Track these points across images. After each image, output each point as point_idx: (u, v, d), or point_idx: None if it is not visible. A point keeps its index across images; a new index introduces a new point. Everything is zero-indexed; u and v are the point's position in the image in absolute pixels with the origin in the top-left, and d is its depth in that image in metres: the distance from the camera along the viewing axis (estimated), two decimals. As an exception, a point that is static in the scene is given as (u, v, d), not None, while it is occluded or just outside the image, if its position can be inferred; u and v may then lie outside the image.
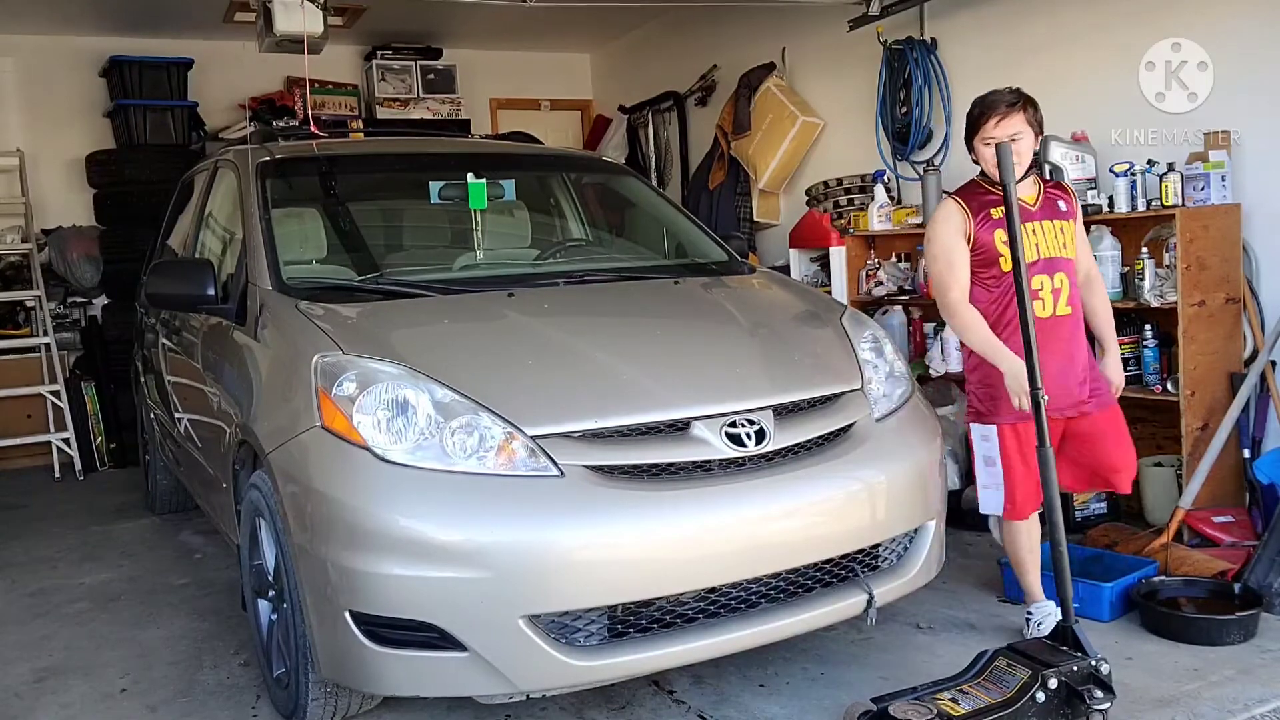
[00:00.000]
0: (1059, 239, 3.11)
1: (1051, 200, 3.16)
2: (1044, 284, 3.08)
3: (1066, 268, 3.13)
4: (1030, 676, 2.47)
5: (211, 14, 6.59)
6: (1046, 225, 3.11)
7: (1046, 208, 3.14)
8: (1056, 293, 3.09)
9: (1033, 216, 3.09)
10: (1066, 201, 3.19)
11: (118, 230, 6.74)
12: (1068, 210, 3.17)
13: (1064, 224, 3.13)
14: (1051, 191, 3.20)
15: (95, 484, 6.19)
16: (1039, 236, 3.08)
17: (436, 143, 4.88)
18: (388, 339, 2.81)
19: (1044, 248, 3.09)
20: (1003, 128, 3.01)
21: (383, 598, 2.39)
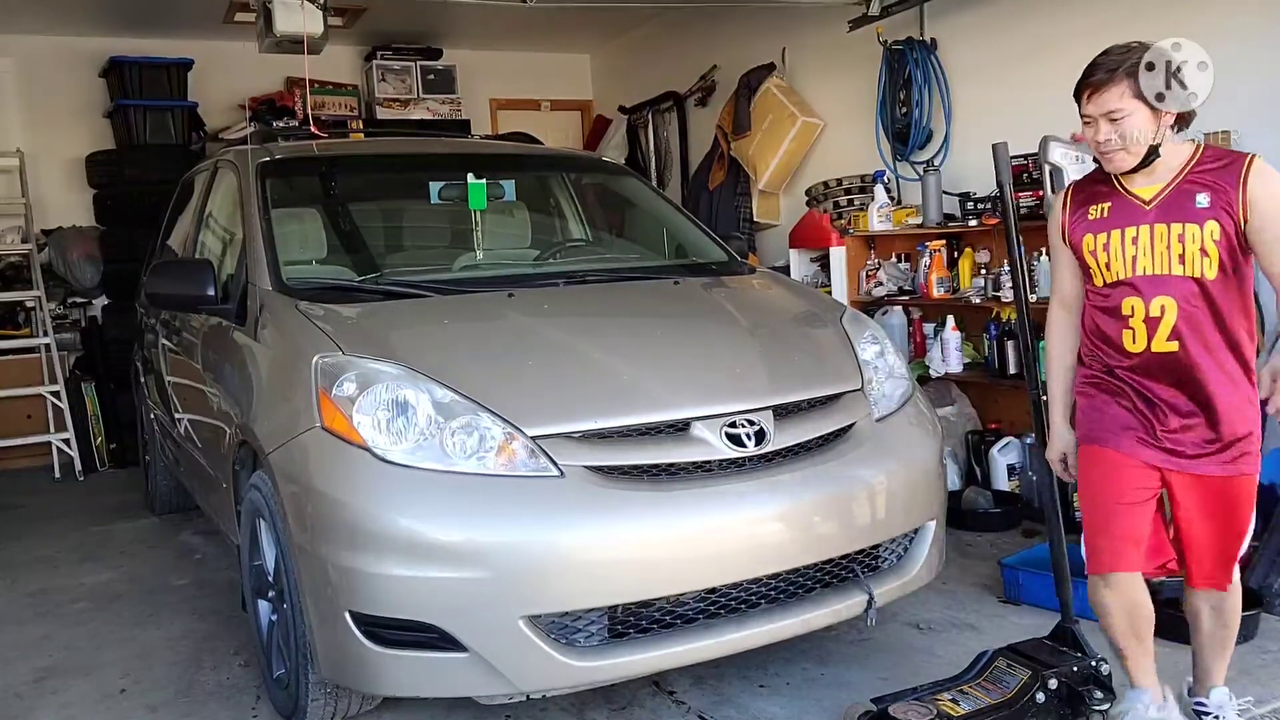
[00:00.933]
0: (1176, 249, 2.29)
1: (1185, 195, 2.31)
2: (1135, 308, 2.33)
3: (1177, 290, 2.30)
4: (1030, 677, 2.47)
5: (211, 14, 6.59)
6: (1160, 231, 2.31)
7: (1172, 206, 2.31)
8: (1153, 323, 2.31)
9: (1140, 218, 2.34)
10: (1218, 192, 2.28)
11: (118, 230, 6.74)
12: (1211, 207, 2.28)
13: (1193, 228, 2.28)
14: (1196, 179, 2.32)
15: (95, 484, 6.19)
16: (1141, 246, 2.33)
17: (436, 143, 4.88)
18: (387, 339, 2.81)
19: (1143, 261, 2.32)
20: (1096, 103, 2.33)
21: (383, 598, 2.39)
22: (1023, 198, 4.42)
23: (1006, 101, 5.00)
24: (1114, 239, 2.36)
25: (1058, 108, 4.67)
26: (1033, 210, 4.46)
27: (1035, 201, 4.49)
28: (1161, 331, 2.32)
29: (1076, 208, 2.47)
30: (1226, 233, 2.26)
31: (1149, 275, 2.32)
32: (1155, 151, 2.31)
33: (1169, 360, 2.32)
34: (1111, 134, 2.30)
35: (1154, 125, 2.30)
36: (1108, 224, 2.38)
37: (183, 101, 6.93)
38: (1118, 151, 2.31)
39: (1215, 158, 2.33)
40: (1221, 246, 2.27)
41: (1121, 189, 2.39)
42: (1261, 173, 2.27)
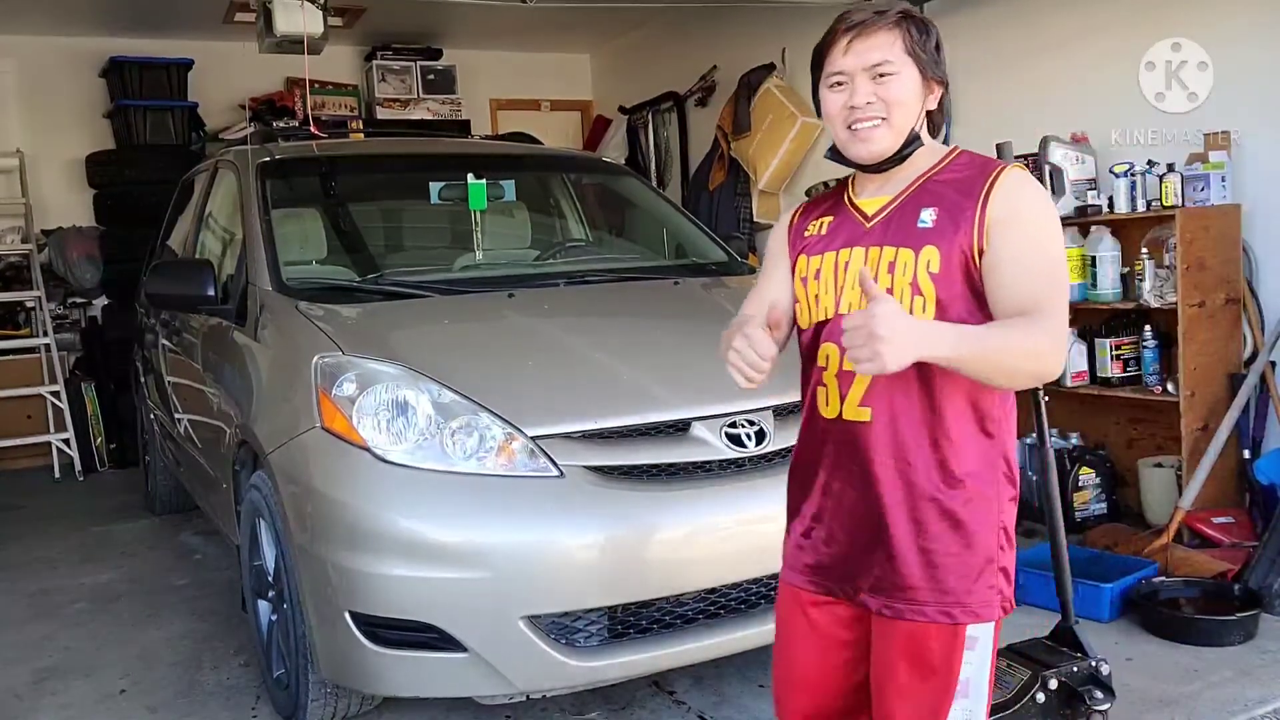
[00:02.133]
0: (884, 282, 1.60)
1: (909, 210, 1.63)
2: (829, 359, 1.66)
3: None
4: (1030, 677, 2.47)
5: (211, 14, 6.59)
6: (874, 257, 1.63)
7: (893, 224, 1.64)
8: (847, 379, 1.63)
9: (858, 238, 1.66)
10: (949, 209, 1.60)
11: (118, 231, 6.74)
12: (935, 228, 1.59)
13: (906, 255, 1.60)
14: (928, 189, 1.64)
15: (95, 485, 6.18)
16: (852, 275, 1.64)
17: (436, 143, 4.88)
18: (388, 339, 2.81)
19: (849, 295, 1.64)
20: (858, 53, 1.63)
21: (383, 598, 2.39)
22: (1023, 198, 4.42)
23: (1006, 101, 5.00)
24: (826, 265, 1.67)
25: (1058, 108, 4.70)
26: (1033, 210, 4.46)
27: (1035, 201, 4.48)
28: (854, 392, 1.61)
29: (802, 223, 1.77)
30: (950, 265, 1.55)
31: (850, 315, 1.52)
32: (916, 141, 1.65)
33: (857, 435, 1.61)
34: (874, 96, 1.60)
35: (919, 101, 1.65)
36: (823, 244, 1.69)
37: (183, 102, 6.93)
38: (878, 124, 1.61)
39: (967, 164, 1.65)
40: (941, 283, 1.55)
41: (848, 198, 1.72)
42: (1013, 188, 1.57)
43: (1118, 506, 4.34)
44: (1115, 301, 4.18)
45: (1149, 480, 4.22)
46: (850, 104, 1.62)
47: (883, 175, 1.67)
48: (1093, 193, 4.33)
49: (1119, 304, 4.18)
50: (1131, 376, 4.20)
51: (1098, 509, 4.28)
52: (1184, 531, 3.80)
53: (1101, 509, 4.29)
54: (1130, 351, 4.21)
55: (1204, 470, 3.77)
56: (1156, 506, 4.15)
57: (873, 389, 1.60)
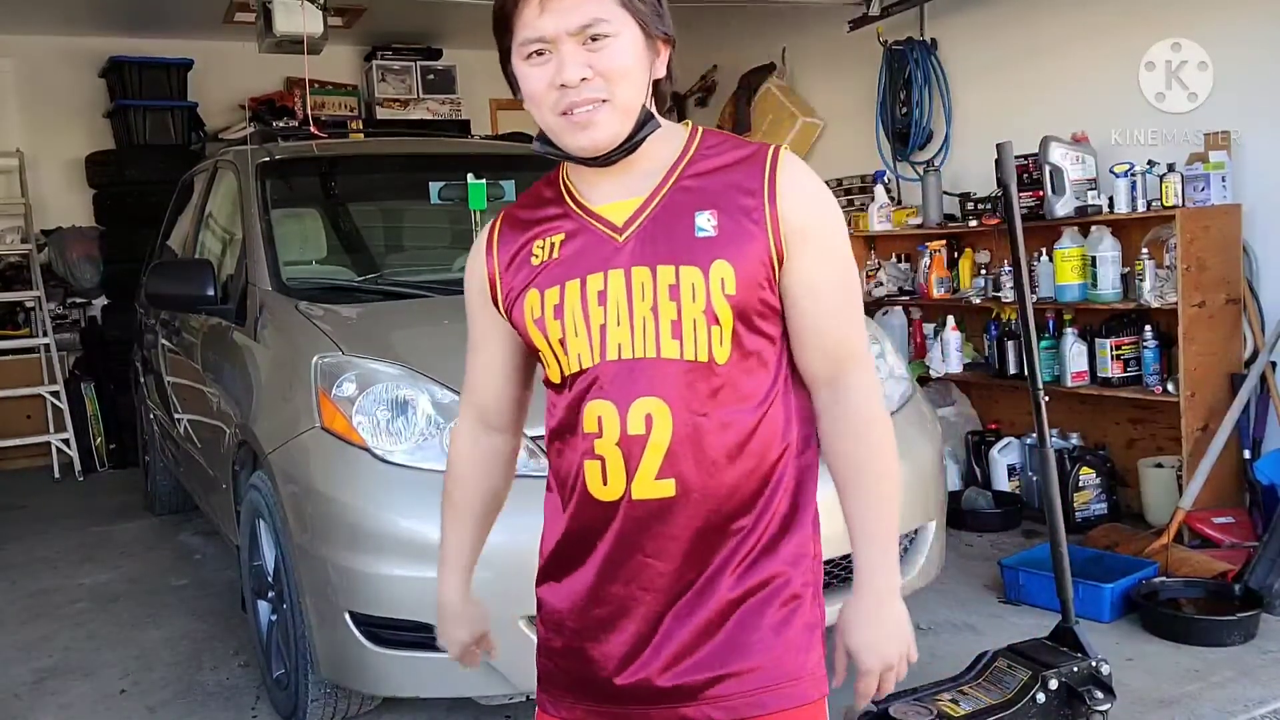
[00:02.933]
0: (667, 311, 1.23)
1: (677, 212, 1.26)
2: (604, 422, 1.24)
3: (672, 385, 1.23)
4: (1030, 677, 2.47)
5: (211, 14, 6.58)
6: (640, 279, 1.24)
7: (658, 233, 1.25)
8: (634, 446, 1.24)
9: (611, 257, 1.26)
10: (731, 204, 1.25)
11: (117, 231, 6.74)
12: (721, 234, 1.24)
13: (692, 273, 1.23)
14: (692, 183, 1.27)
15: (95, 485, 6.18)
16: (613, 306, 1.25)
17: (436, 143, 4.88)
18: (387, 339, 2.81)
19: (616, 334, 1.24)
20: (558, 13, 1.20)
21: (383, 598, 2.39)
22: (1023, 198, 4.42)
23: (1006, 101, 5.00)
24: (571, 298, 1.25)
25: (1058, 108, 4.70)
26: (1032, 210, 4.46)
27: (1035, 201, 4.49)
28: (648, 463, 1.23)
29: (510, 247, 1.33)
30: (747, 283, 1.21)
31: (625, 360, 1.23)
32: (650, 121, 1.25)
33: (659, 513, 1.24)
34: (587, 69, 1.19)
35: (645, 69, 1.25)
36: (561, 271, 1.27)
37: (183, 102, 6.93)
38: (599, 106, 1.20)
39: (722, 147, 1.29)
40: (739, 306, 1.21)
41: (576, 203, 1.29)
42: (800, 180, 1.26)
43: (1118, 507, 4.34)
44: (1115, 302, 4.18)
45: (1149, 480, 4.22)
46: (559, 81, 1.20)
47: (613, 168, 1.26)
48: (1093, 193, 4.33)
49: (1119, 304, 4.18)
50: (1132, 377, 4.20)
51: (1098, 509, 4.28)
52: (1184, 532, 3.80)
53: (1102, 509, 4.29)
54: (1130, 351, 4.21)
55: (1204, 470, 3.77)
56: (1157, 507, 4.15)
57: (672, 453, 1.23)
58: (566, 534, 1.33)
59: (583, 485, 1.28)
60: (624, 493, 1.25)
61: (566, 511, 1.33)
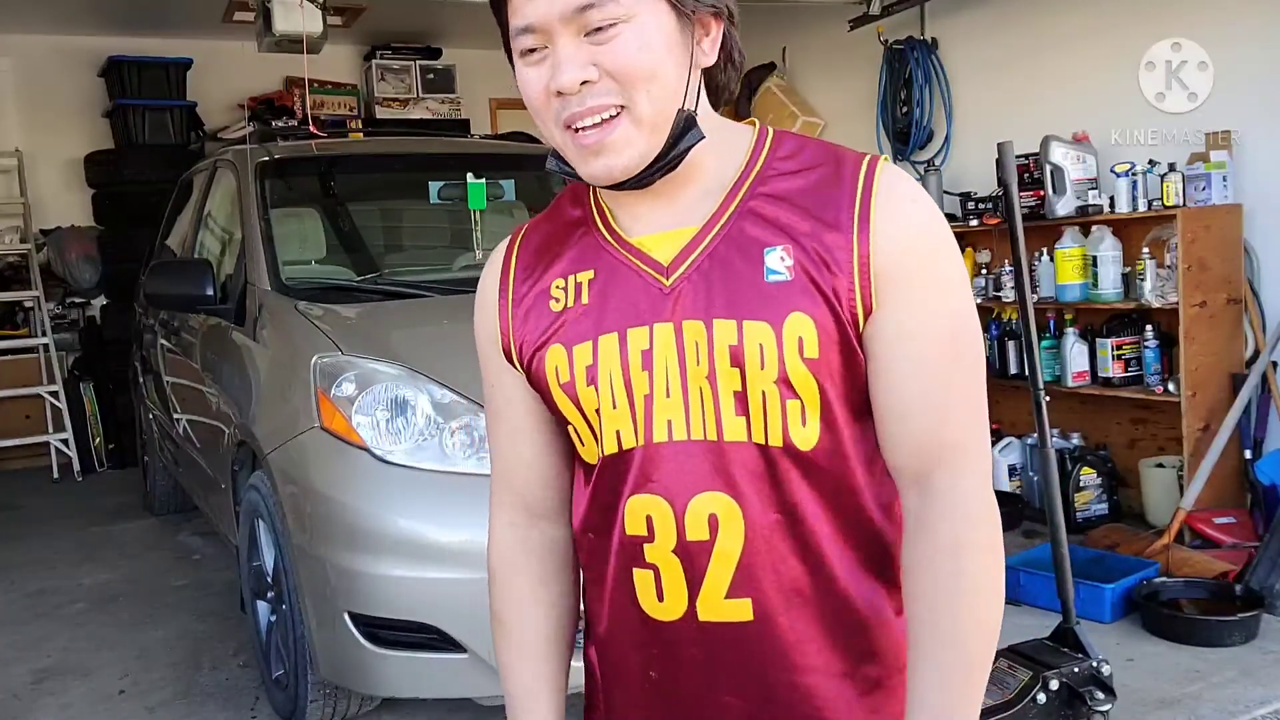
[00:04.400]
0: (729, 382, 0.93)
1: (743, 247, 0.94)
2: (654, 522, 0.96)
3: (741, 478, 0.94)
4: (1031, 678, 2.46)
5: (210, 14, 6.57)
6: (694, 338, 0.94)
7: (721, 280, 0.94)
8: (696, 556, 0.96)
9: (656, 307, 0.95)
10: (807, 238, 0.93)
11: (116, 230, 6.72)
12: (798, 276, 0.92)
13: (762, 331, 0.92)
14: (762, 207, 0.95)
15: (94, 485, 6.17)
16: (660, 373, 0.95)
17: (436, 143, 4.87)
18: (387, 339, 2.80)
19: (666, 409, 0.95)
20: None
21: (382, 599, 2.38)
22: (1023, 198, 4.41)
23: (1007, 101, 5.00)
24: (607, 356, 0.97)
25: (1058, 107, 4.69)
26: (1033, 210, 4.46)
27: (1036, 201, 4.49)
28: (716, 578, 0.96)
29: (526, 282, 1.06)
30: (829, 342, 0.92)
31: (679, 443, 0.95)
32: (691, 129, 0.93)
33: (735, 642, 0.98)
34: (591, 69, 0.90)
35: (683, 60, 0.93)
36: (590, 322, 0.98)
37: (181, 101, 6.92)
38: (613, 120, 0.91)
39: (800, 154, 0.98)
40: (824, 374, 0.93)
41: (609, 233, 1.01)
42: (906, 204, 0.95)
43: (1119, 507, 4.34)
44: (1116, 301, 4.17)
45: (1150, 481, 4.21)
46: (554, 86, 0.91)
47: (655, 189, 0.96)
48: (1094, 192, 4.33)
49: (1120, 304, 4.17)
50: (1133, 377, 4.19)
51: (1099, 509, 4.28)
52: (1185, 532, 3.79)
53: (1103, 509, 4.28)
54: (1131, 351, 4.20)
55: (1205, 471, 3.76)
56: (1158, 507, 4.14)
57: (747, 565, 0.95)
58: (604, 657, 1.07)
59: (623, 602, 1.00)
60: (685, 612, 0.97)
61: (593, 636, 1.08)
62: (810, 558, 0.96)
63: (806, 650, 0.97)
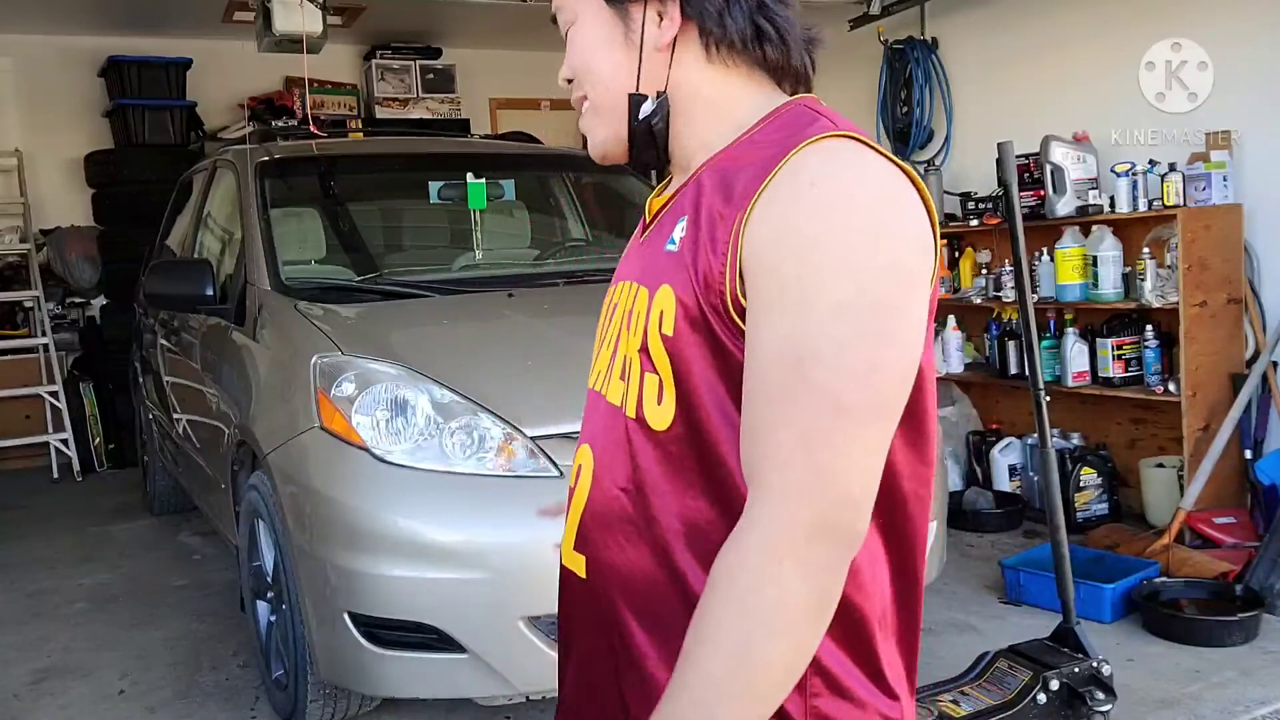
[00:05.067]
0: (625, 345, 0.98)
1: (677, 209, 0.98)
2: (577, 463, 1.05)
3: (604, 435, 1.00)
4: (1031, 678, 2.46)
5: (210, 14, 6.57)
6: (624, 297, 1.02)
7: (656, 233, 1.02)
8: (570, 500, 1.04)
9: (625, 264, 1.11)
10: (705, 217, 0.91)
11: (116, 230, 6.72)
12: (681, 251, 0.92)
13: (642, 297, 0.96)
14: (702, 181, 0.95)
15: (93, 485, 6.17)
16: (610, 322, 1.05)
17: (436, 142, 4.87)
18: (387, 339, 2.80)
19: (600, 361, 1.06)
20: None
21: (382, 599, 2.38)
22: (1024, 197, 4.41)
23: (1007, 101, 5.00)
24: (608, 301, 1.09)
25: (1058, 107, 4.69)
26: (1033, 210, 4.46)
27: (1036, 201, 4.48)
28: (569, 526, 1.03)
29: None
30: (683, 326, 0.90)
31: (593, 392, 1.06)
32: (638, 108, 0.98)
33: (577, 596, 1.03)
34: (567, 69, 1.05)
35: (620, 48, 0.99)
36: (619, 269, 1.12)
37: (181, 101, 6.91)
38: (585, 113, 1.04)
39: (774, 133, 0.94)
40: (678, 358, 0.91)
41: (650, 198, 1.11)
42: (802, 174, 0.86)
43: (1119, 507, 4.34)
44: (1117, 301, 4.17)
45: (1150, 480, 4.21)
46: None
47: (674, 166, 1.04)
48: (1094, 192, 4.33)
49: (1120, 304, 4.17)
50: (1133, 376, 4.19)
51: (1099, 509, 4.28)
52: (1185, 532, 3.79)
53: (1103, 509, 4.28)
54: (1132, 351, 4.20)
55: (1205, 470, 3.76)
56: (1158, 507, 4.14)
57: (586, 524, 0.98)
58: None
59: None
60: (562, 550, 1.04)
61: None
62: (650, 539, 0.92)
63: (628, 629, 0.94)
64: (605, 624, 0.97)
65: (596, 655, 0.99)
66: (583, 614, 1.00)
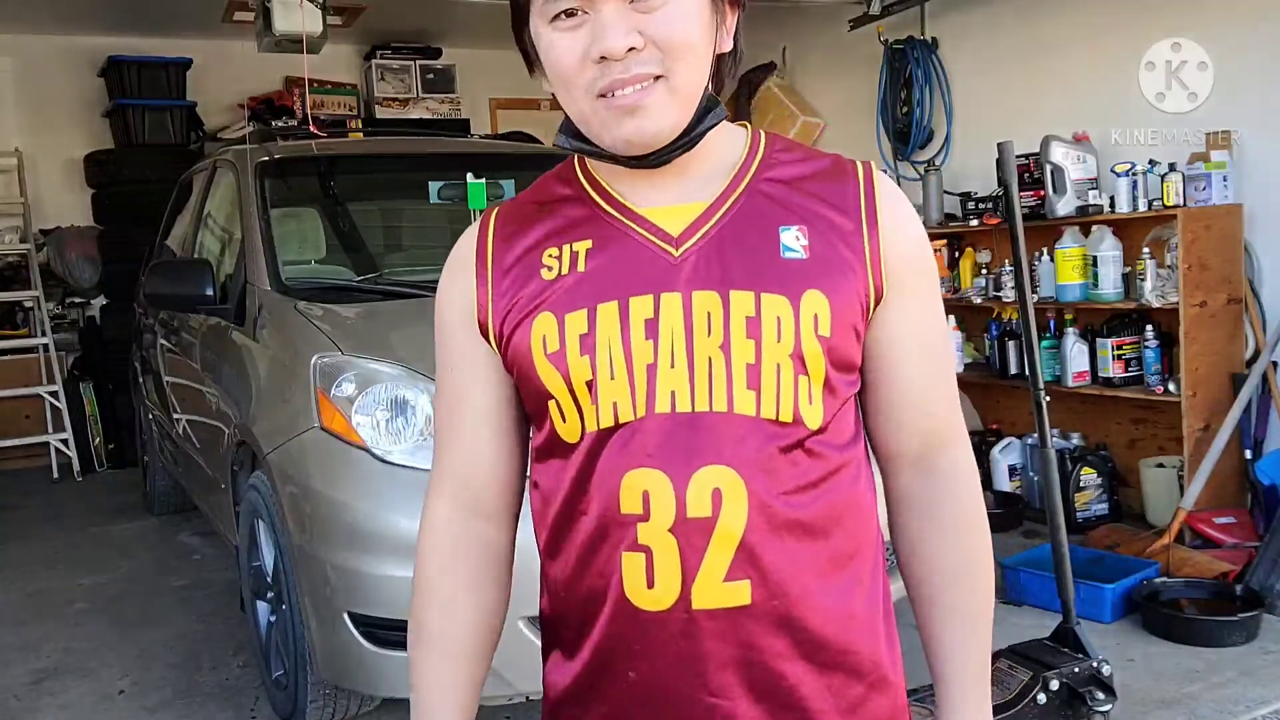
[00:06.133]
0: (744, 354, 0.91)
1: (755, 228, 0.96)
2: (651, 499, 0.91)
3: (749, 454, 0.91)
4: (1032, 678, 2.46)
5: (210, 14, 6.57)
6: (706, 309, 0.92)
7: (735, 253, 0.94)
8: (695, 534, 0.90)
9: (665, 276, 0.94)
10: (822, 222, 0.96)
11: (116, 230, 6.72)
12: (812, 257, 0.95)
13: (779, 304, 0.92)
14: (773, 188, 0.98)
15: (93, 485, 6.17)
16: (666, 343, 0.92)
17: (436, 142, 4.87)
18: (387, 339, 2.80)
19: (669, 380, 0.91)
20: None
21: (382, 599, 2.38)
22: (1024, 197, 4.41)
23: (1007, 101, 5.00)
24: (605, 324, 0.94)
25: (1058, 107, 4.69)
26: (1033, 210, 4.46)
27: (1036, 201, 4.48)
28: (715, 559, 0.92)
29: (511, 252, 1.01)
30: (843, 324, 0.94)
31: (683, 415, 0.92)
32: (715, 108, 0.96)
33: (726, 631, 0.93)
34: (637, 36, 0.90)
35: (711, 39, 0.94)
36: (590, 288, 0.95)
37: (181, 101, 6.92)
38: (651, 85, 0.91)
39: (790, 148, 1.03)
40: (834, 352, 0.94)
41: (610, 205, 0.99)
42: (900, 203, 1.01)
43: (1119, 507, 4.34)
44: (1117, 301, 4.17)
45: (1150, 480, 4.21)
46: (597, 51, 0.89)
47: (665, 170, 0.96)
48: (1094, 192, 4.33)
49: (1120, 304, 4.17)
50: (1133, 377, 4.19)
51: (1099, 509, 4.28)
52: (1185, 532, 3.79)
53: (1103, 509, 4.28)
54: (1132, 351, 4.20)
55: (1205, 471, 3.76)
56: (1158, 507, 4.14)
57: (748, 545, 0.92)
58: (591, 663, 0.97)
59: (619, 590, 0.93)
60: (678, 599, 0.91)
61: (592, 634, 0.97)
62: (807, 539, 0.95)
63: (800, 638, 0.94)
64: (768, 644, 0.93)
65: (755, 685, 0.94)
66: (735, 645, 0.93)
